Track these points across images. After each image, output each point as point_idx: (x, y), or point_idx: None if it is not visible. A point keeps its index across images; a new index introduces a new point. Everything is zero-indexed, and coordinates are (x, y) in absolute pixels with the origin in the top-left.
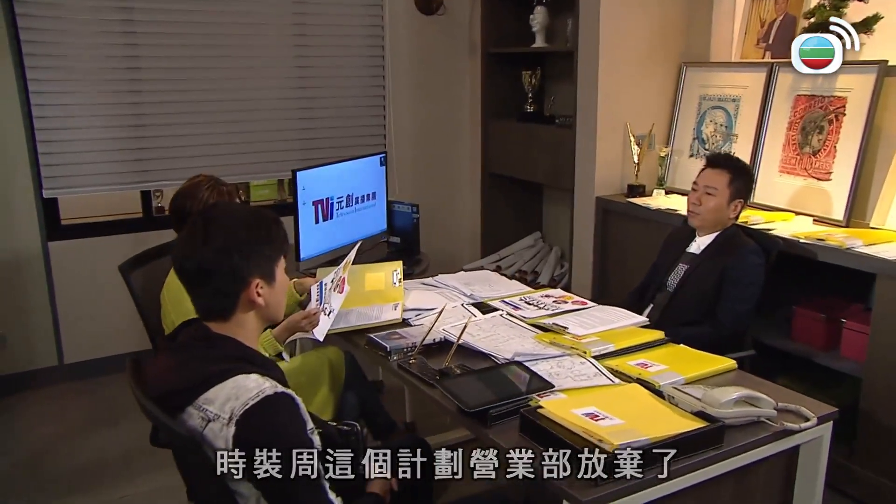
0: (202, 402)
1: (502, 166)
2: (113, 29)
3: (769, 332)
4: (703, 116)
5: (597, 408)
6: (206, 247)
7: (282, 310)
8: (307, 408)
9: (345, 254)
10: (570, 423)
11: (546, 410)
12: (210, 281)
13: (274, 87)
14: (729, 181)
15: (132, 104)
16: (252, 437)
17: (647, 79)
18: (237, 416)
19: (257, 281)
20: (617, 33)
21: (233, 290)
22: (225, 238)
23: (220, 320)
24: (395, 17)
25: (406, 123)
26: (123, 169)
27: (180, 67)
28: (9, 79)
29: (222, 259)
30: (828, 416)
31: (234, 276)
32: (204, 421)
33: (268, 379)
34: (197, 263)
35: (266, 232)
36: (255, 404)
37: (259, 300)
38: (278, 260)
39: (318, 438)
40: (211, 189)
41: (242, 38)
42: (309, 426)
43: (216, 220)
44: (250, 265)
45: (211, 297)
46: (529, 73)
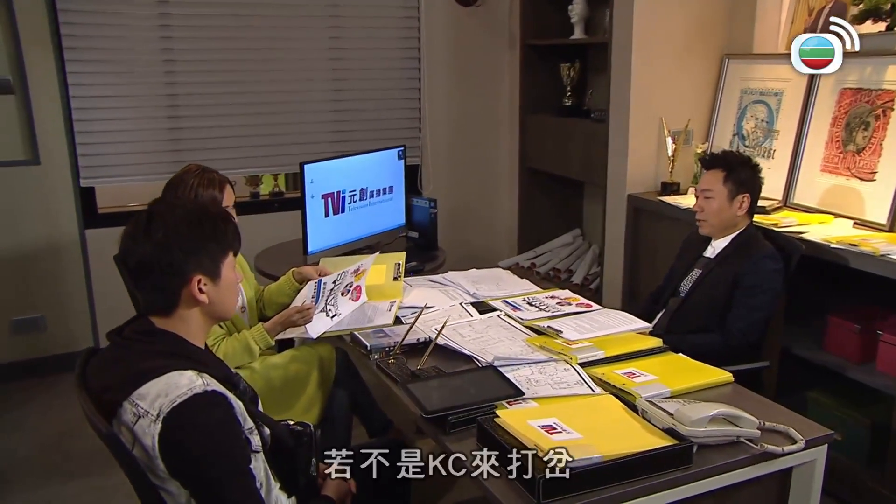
0: (135, 398)
1: (540, 161)
2: (149, 22)
3: (800, 342)
4: (743, 111)
5: (558, 420)
6: (147, 241)
7: (231, 307)
8: (293, 404)
9: (358, 249)
10: (523, 435)
11: (502, 420)
12: (150, 275)
13: (308, 78)
14: (724, 179)
15: (167, 95)
16: (178, 436)
17: (685, 72)
18: (164, 414)
19: (199, 277)
20: (652, 24)
21: (173, 285)
22: (165, 233)
23: (162, 315)
24: (431, 8)
25: (441, 117)
26: (158, 159)
27: (214, 59)
28: (49, 72)
29: (161, 254)
30: (822, 440)
31: (174, 271)
32: (135, 417)
33: (203, 377)
34: (137, 258)
35: (211, 229)
36: (184, 402)
37: (202, 297)
38: (224, 257)
39: (256, 438)
40: (199, 177)
41: (277, 29)
42: (247, 426)
43: (159, 214)
44: (191, 261)
45: (151, 291)
46: (568, 66)
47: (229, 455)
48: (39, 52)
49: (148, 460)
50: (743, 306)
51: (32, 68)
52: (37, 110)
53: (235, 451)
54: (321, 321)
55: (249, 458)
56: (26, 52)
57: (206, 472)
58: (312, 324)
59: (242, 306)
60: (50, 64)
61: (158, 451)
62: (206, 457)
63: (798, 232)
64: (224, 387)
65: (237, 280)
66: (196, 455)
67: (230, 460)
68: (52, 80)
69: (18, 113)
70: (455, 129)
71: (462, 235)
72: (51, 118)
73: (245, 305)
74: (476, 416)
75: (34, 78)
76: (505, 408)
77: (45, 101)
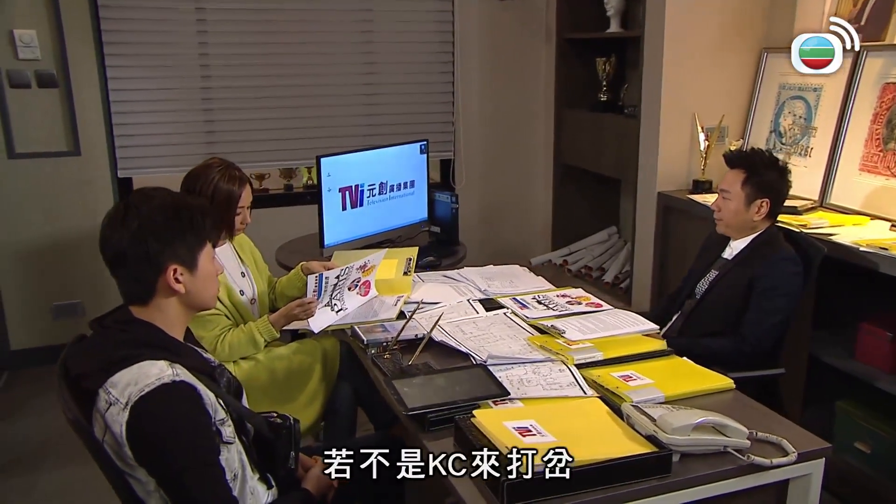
0: (108, 386)
1: (574, 157)
2: (185, 17)
3: (829, 349)
4: (781, 107)
5: (536, 422)
6: (123, 231)
7: (210, 297)
8: (297, 396)
9: (379, 243)
10: (494, 436)
11: (477, 421)
12: (126, 265)
13: (341, 72)
14: (743, 181)
15: (202, 89)
16: (144, 424)
17: (721, 66)
18: (132, 402)
19: (174, 267)
20: (686, 16)
21: (148, 275)
22: (140, 223)
23: (140, 304)
24: (466, 2)
25: (475, 111)
26: (192, 151)
27: (248, 54)
28: (90, 66)
29: (136, 244)
30: (818, 453)
31: (150, 261)
32: (107, 404)
33: (175, 367)
34: (114, 248)
35: (188, 220)
36: (151, 391)
37: (178, 287)
38: (201, 248)
39: (229, 430)
40: (222, 172)
41: (310, 24)
42: (218, 417)
43: (135, 205)
44: (166, 251)
45: (128, 281)
46: (604, 61)
47: (194, 446)
48: (81, 48)
49: (117, 448)
50: (757, 310)
51: (75, 63)
52: (78, 103)
53: (201, 442)
54: (325, 315)
55: (218, 449)
56: (69, 48)
57: (170, 462)
58: (315, 318)
59: (252, 298)
60: (91, 59)
61: (126, 439)
62: (171, 447)
63: (827, 234)
64: (200, 377)
65: (217, 271)
66: (160, 444)
67: (194, 451)
68: (93, 74)
69: (62, 106)
70: (489, 124)
71: (495, 231)
72: (91, 111)
73: (255, 297)
74: (455, 415)
75: (76, 72)
76: (490, 407)
77: (86, 95)
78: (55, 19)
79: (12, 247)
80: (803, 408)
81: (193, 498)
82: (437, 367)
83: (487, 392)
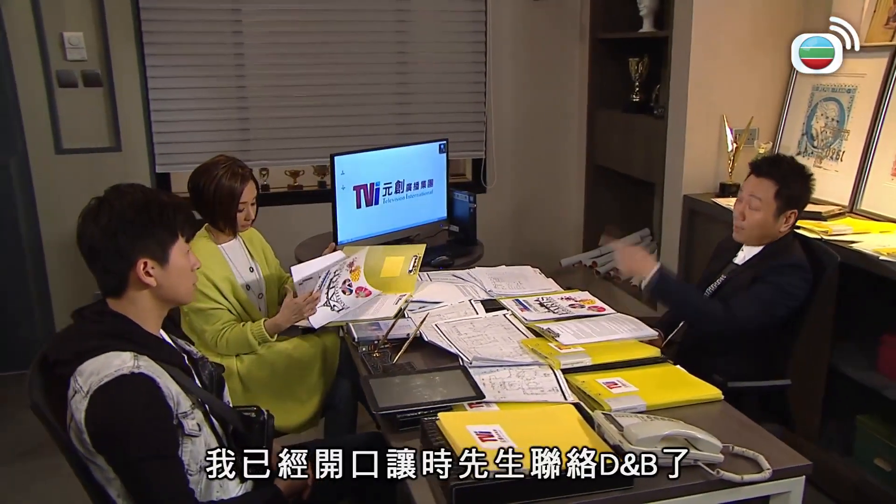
0: (77, 374)
1: (606, 158)
2: (222, 17)
3: (850, 361)
4: (814, 109)
5: (501, 427)
6: (94, 226)
7: (184, 291)
8: (296, 390)
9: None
10: (453, 440)
11: (440, 423)
12: (99, 258)
13: (374, 71)
14: (776, 192)
15: (236, 88)
16: (99, 413)
17: (752, 67)
18: (91, 391)
19: (145, 261)
20: (715, 14)
21: (119, 268)
22: (110, 218)
23: (114, 296)
24: (499, 2)
25: (508, 110)
26: (227, 148)
27: (282, 54)
28: (132, 66)
29: (107, 238)
30: (798, 470)
31: (120, 255)
32: (73, 392)
33: (141, 359)
34: (87, 241)
35: (158, 215)
36: (109, 382)
37: (149, 280)
38: (173, 243)
39: (191, 423)
40: (226, 169)
41: (343, 24)
42: (181, 409)
43: (107, 201)
44: (136, 246)
45: (102, 273)
46: (637, 61)
47: (148, 437)
48: (124, 48)
49: (79, 434)
50: (753, 292)
51: (117, 63)
52: (120, 102)
53: (156, 434)
54: (324, 313)
55: (176, 442)
56: (112, 48)
57: (125, 451)
58: (316, 315)
59: (260, 293)
60: (132, 59)
61: (85, 427)
62: (124, 436)
63: (848, 241)
64: (168, 368)
65: (192, 266)
66: (115, 434)
67: (148, 442)
68: (134, 73)
69: (105, 104)
70: (522, 124)
71: (527, 230)
72: (132, 109)
73: (263, 292)
74: (425, 416)
75: (118, 72)
76: (464, 409)
77: (127, 93)
78: (100, 21)
79: (59, 238)
80: (822, 421)
81: (146, 488)
82: (421, 368)
83: (462, 394)
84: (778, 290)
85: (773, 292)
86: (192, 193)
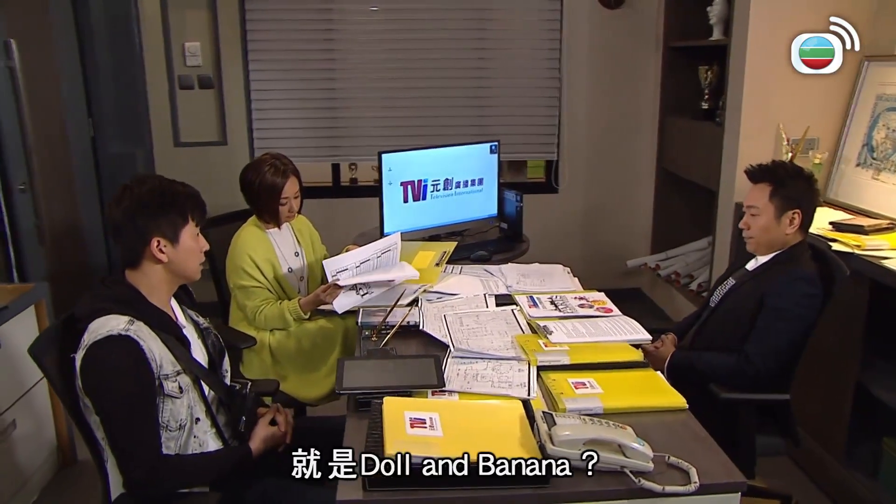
0: (87, 330)
1: (674, 165)
2: (315, 27)
3: (881, 382)
4: (876, 120)
5: (439, 416)
6: (118, 208)
7: (192, 269)
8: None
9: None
10: (386, 423)
11: (384, 406)
12: (120, 235)
13: (453, 76)
14: (770, 194)
15: (327, 90)
16: (88, 366)
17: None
18: (87, 346)
19: (158, 240)
20: (773, 23)
21: (136, 244)
22: (131, 202)
23: (132, 268)
24: (574, 12)
25: (582, 115)
26: (319, 144)
27: (370, 59)
28: (237, 70)
29: (128, 219)
30: (729, 486)
31: (137, 233)
32: (82, 343)
33: (135, 323)
34: (112, 220)
35: (171, 201)
36: (100, 340)
37: (161, 256)
38: (184, 226)
39: (171, 384)
40: (272, 166)
41: (426, 31)
42: (164, 371)
43: (130, 188)
44: (151, 226)
45: (123, 248)
46: (706, 69)
47: (123, 393)
48: (231, 54)
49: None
50: (763, 329)
51: (226, 67)
52: (227, 101)
53: (131, 390)
54: (348, 298)
55: (151, 399)
56: (223, 54)
57: (103, 402)
58: (339, 299)
59: (302, 276)
60: (237, 64)
61: (79, 374)
62: (103, 390)
63: (881, 257)
64: (162, 335)
65: (200, 248)
66: (96, 386)
67: (123, 398)
68: (239, 77)
69: (215, 103)
70: (595, 128)
71: (596, 232)
72: (236, 108)
73: (304, 275)
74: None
75: (227, 75)
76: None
77: (233, 94)
78: (214, 31)
79: None
80: (847, 443)
81: (116, 435)
82: (407, 354)
83: (424, 381)
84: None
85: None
86: (242, 188)
